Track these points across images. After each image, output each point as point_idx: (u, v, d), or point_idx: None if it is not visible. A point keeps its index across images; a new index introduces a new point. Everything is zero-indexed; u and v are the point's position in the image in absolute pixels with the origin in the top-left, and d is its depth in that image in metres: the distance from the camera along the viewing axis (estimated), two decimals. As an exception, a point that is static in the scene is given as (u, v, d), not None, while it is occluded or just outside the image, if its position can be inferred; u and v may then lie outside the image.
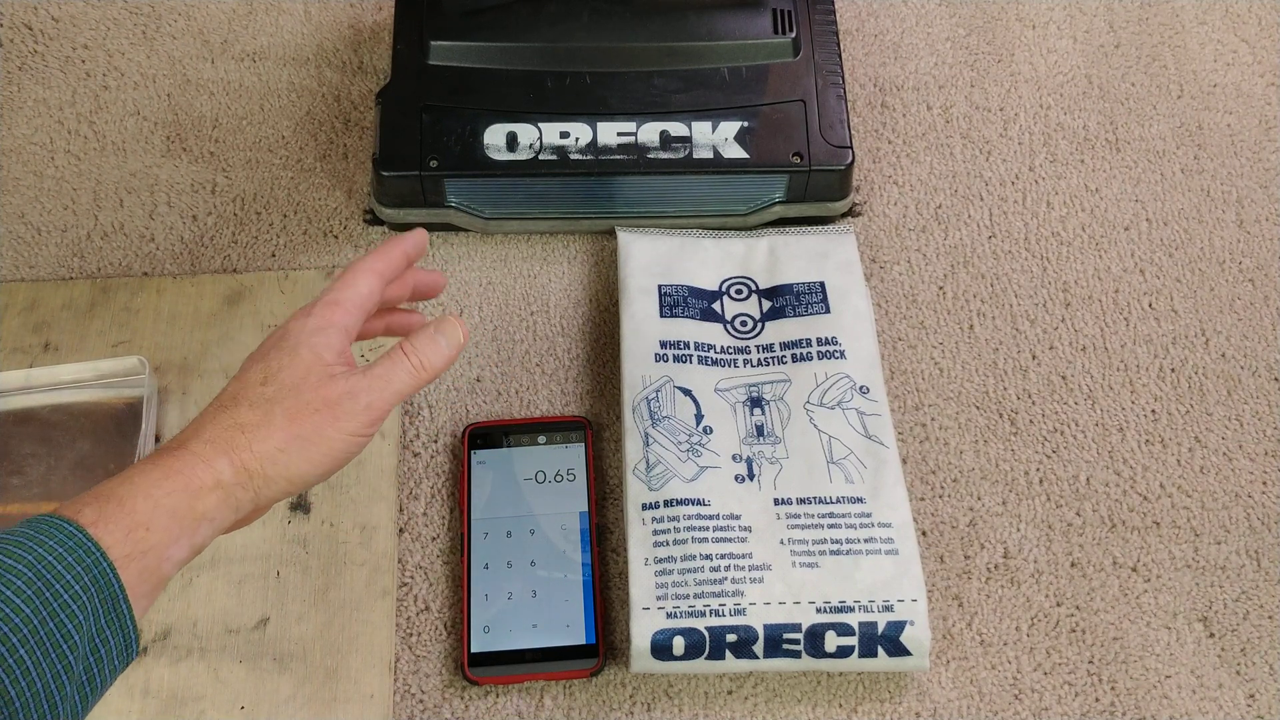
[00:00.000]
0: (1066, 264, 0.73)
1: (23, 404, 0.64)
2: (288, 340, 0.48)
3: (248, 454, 0.45)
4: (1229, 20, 0.84)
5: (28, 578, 0.38)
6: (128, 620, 0.41)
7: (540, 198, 0.71)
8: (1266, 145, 0.78)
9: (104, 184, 0.74)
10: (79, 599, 0.39)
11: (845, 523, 0.60)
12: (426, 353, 0.50)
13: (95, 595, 0.39)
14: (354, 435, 0.47)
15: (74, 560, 0.39)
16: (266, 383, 0.47)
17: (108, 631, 0.40)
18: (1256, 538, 0.64)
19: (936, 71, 0.81)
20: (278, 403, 0.46)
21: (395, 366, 0.49)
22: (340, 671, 0.58)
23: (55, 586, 0.38)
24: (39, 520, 0.40)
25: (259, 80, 0.79)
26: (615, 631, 0.60)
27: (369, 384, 0.48)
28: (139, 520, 0.41)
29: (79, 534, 0.40)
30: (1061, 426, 0.67)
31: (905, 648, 0.57)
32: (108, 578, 0.40)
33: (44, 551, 0.39)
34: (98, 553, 0.40)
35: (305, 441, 0.46)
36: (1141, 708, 0.59)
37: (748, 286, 0.69)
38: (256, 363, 0.48)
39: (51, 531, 0.39)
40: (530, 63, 0.71)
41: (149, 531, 0.41)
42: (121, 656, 0.41)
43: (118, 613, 0.40)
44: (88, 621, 0.39)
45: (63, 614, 0.38)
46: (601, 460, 0.65)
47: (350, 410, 0.47)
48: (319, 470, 0.47)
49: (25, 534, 0.39)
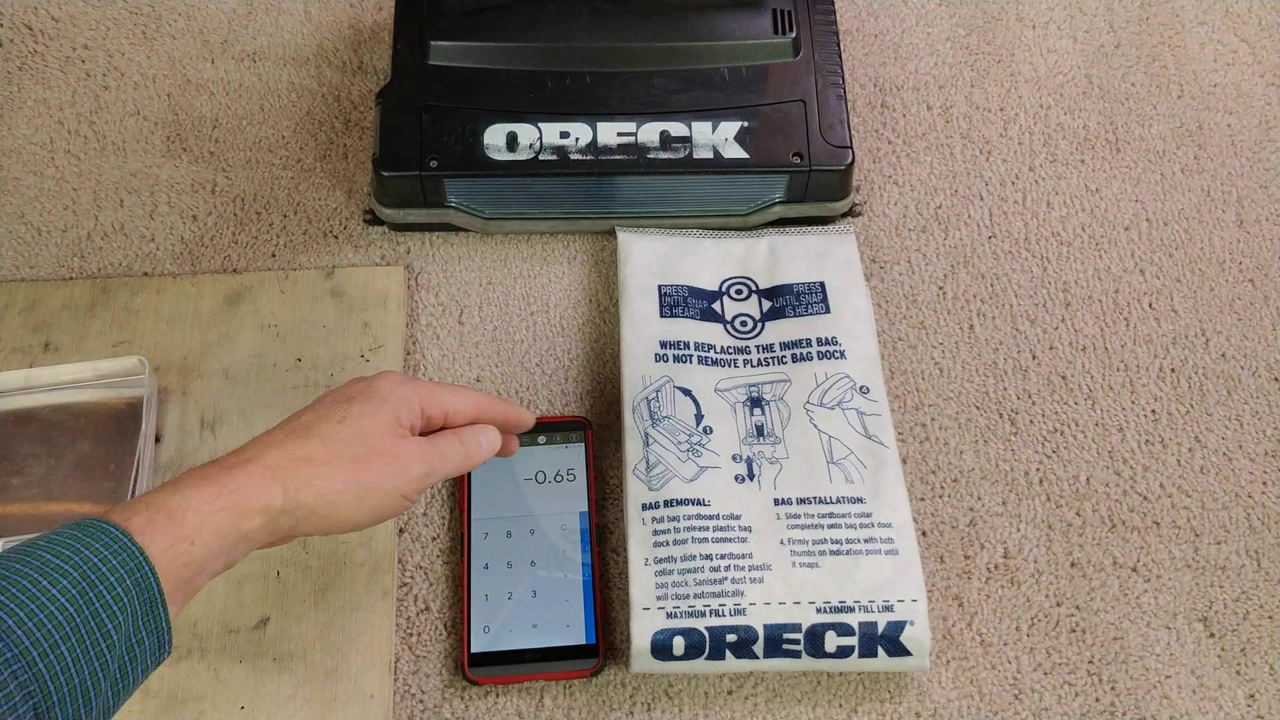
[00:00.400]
0: (1066, 264, 0.73)
1: (23, 404, 0.64)
2: (375, 393, 0.51)
3: (307, 490, 0.47)
4: (1229, 20, 0.84)
5: (73, 577, 0.39)
6: (163, 623, 0.42)
7: (540, 198, 0.71)
8: (1266, 145, 0.78)
9: (104, 184, 0.74)
10: (120, 601, 0.40)
11: (845, 523, 0.60)
12: (473, 446, 0.53)
13: (135, 598, 0.41)
14: (404, 496, 0.49)
15: (119, 564, 0.41)
16: (344, 423, 0.49)
17: (144, 632, 0.42)
18: (1256, 538, 0.64)
19: (936, 71, 0.81)
20: (350, 445, 0.48)
21: (451, 447, 0.52)
22: (340, 671, 0.58)
23: (99, 587, 0.40)
24: (90, 523, 0.42)
25: (259, 80, 0.79)
26: (615, 631, 0.60)
27: (432, 454, 0.50)
28: (185, 534, 0.43)
29: (125, 539, 0.41)
30: (1061, 426, 0.67)
31: (905, 648, 0.57)
32: (149, 583, 0.41)
33: (90, 554, 0.40)
34: (141, 557, 0.41)
35: (364, 490, 0.48)
36: (1141, 708, 0.59)
37: (748, 286, 0.69)
38: (338, 402, 0.50)
39: (100, 535, 0.41)
40: (530, 63, 0.71)
41: (193, 545, 0.43)
42: (154, 656, 0.43)
43: (154, 615, 0.42)
44: (127, 623, 0.41)
45: (104, 614, 0.40)
46: (601, 460, 0.65)
47: (411, 473, 0.49)
48: (362, 520, 0.49)
49: (75, 535, 0.41)
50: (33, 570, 0.40)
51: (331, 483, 0.47)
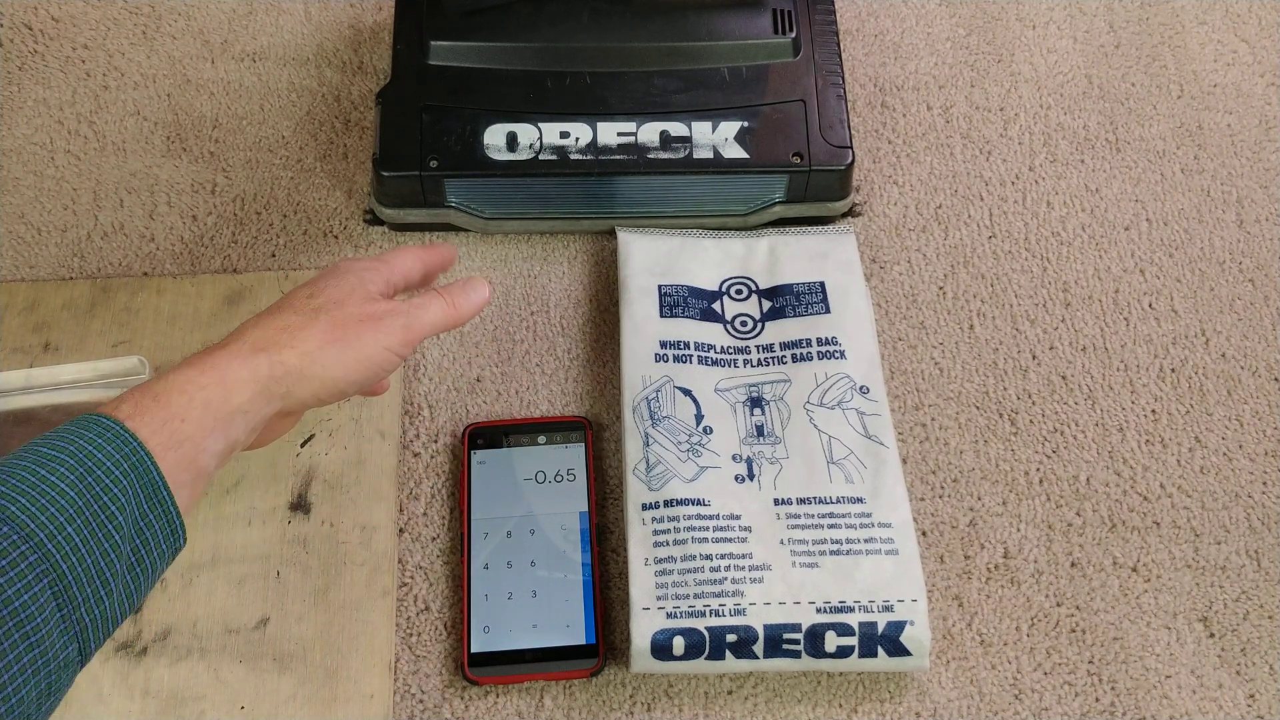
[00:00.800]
0: (1066, 264, 0.73)
1: (23, 404, 0.64)
2: (336, 270, 0.53)
3: (288, 350, 0.48)
4: (1229, 20, 0.84)
5: (70, 464, 0.41)
6: (170, 506, 0.43)
7: (540, 198, 0.71)
8: (1266, 145, 0.78)
9: (104, 184, 0.74)
10: (119, 484, 0.41)
11: (845, 523, 0.60)
12: (458, 297, 0.54)
13: (135, 482, 0.42)
14: (389, 349, 0.50)
15: (113, 450, 0.42)
16: (313, 297, 0.51)
17: (151, 516, 0.43)
18: (1256, 538, 0.64)
19: (936, 71, 0.81)
20: (323, 311, 0.50)
21: (431, 300, 0.53)
22: (340, 671, 0.58)
23: (96, 473, 0.41)
24: (80, 418, 0.43)
25: (259, 80, 0.79)
26: (615, 631, 0.60)
27: (408, 309, 0.52)
28: (174, 413, 0.44)
29: (115, 426, 0.42)
30: (1061, 426, 0.67)
31: (905, 648, 0.57)
32: (145, 465, 0.42)
33: (84, 443, 0.41)
34: (134, 442, 0.42)
35: (344, 345, 0.49)
36: (1141, 708, 0.59)
37: (748, 286, 0.69)
38: (304, 286, 0.52)
39: (90, 425, 0.42)
40: (530, 63, 0.71)
41: (184, 423, 0.44)
42: (169, 541, 0.44)
43: (159, 499, 0.43)
44: (130, 505, 0.42)
45: (105, 497, 0.41)
46: (601, 460, 0.65)
47: (390, 325, 0.50)
48: (351, 375, 0.50)
49: (67, 429, 0.42)
50: (30, 463, 0.41)
51: (311, 341, 0.48)
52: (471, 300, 0.55)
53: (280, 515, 0.62)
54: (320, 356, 0.48)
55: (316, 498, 0.62)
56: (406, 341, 0.51)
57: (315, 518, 0.62)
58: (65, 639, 0.40)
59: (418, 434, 0.66)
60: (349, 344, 0.49)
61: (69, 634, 0.40)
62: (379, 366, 0.50)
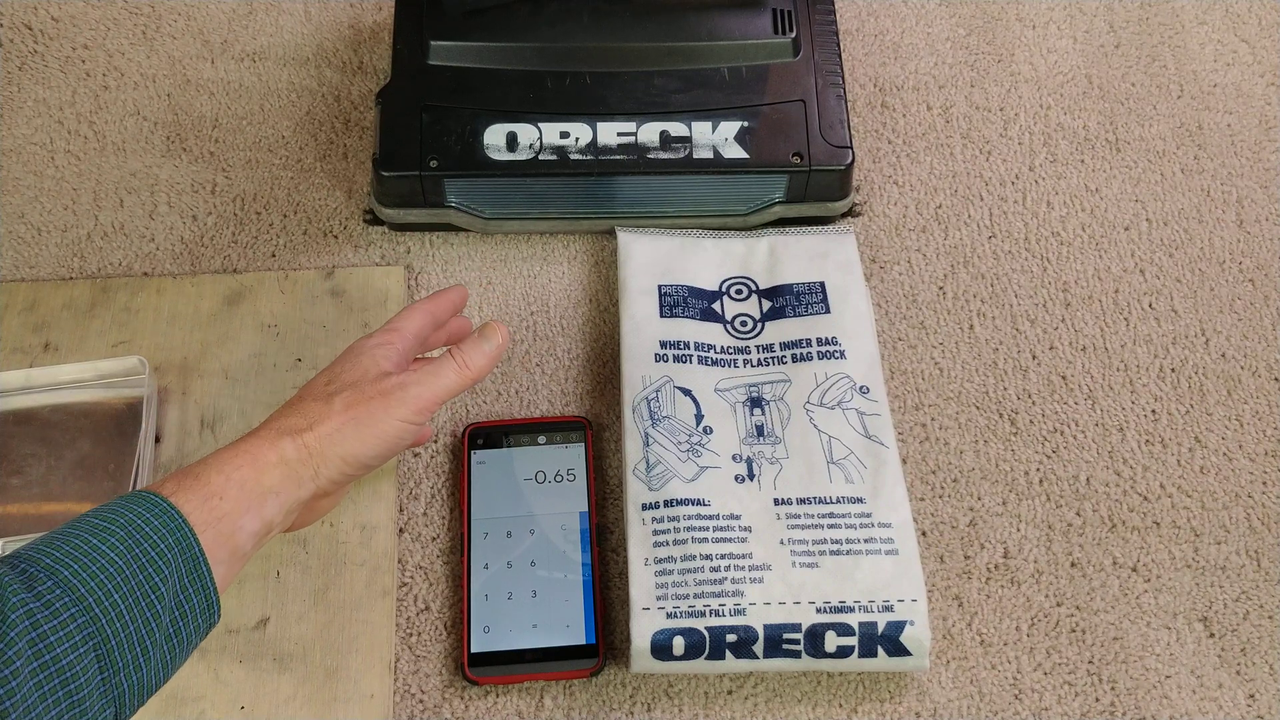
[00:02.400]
0: (1066, 264, 0.73)
1: (23, 404, 0.64)
2: (350, 352, 0.56)
3: (309, 434, 0.51)
4: (1229, 20, 0.84)
5: (120, 536, 0.43)
6: (208, 581, 0.45)
7: (540, 198, 0.71)
8: (1266, 145, 0.78)
9: (104, 184, 0.74)
10: (164, 556, 0.44)
11: (845, 523, 0.60)
12: (471, 355, 0.56)
13: (178, 555, 0.44)
14: (403, 421, 0.53)
15: (160, 525, 0.44)
16: (330, 383, 0.54)
17: (190, 590, 0.45)
18: (1256, 538, 0.64)
19: (936, 71, 0.81)
20: (338, 395, 0.52)
21: (443, 366, 0.55)
22: (340, 671, 0.58)
23: (144, 545, 0.43)
24: (130, 495, 0.46)
25: (259, 80, 0.79)
26: (615, 631, 0.60)
27: (418, 379, 0.54)
28: (213, 491, 0.47)
29: (163, 502, 0.45)
30: (1061, 426, 0.67)
31: (905, 648, 0.57)
32: (188, 539, 0.45)
33: (133, 515, 0.44)
34: (179, 518, 0.45)
35: (359, 423, 0.52)
36: (1141, 708, 0.59)
37: (748, 286, 0.69)
38: (323, 373, 0.55)
39: (140, 501, 0.45)
40: (530, 63, 0.71)
41: (222, 500, 0.47)
42: (204, 616, 0.46)
43: (198, 573, 0.45)
44: (172, 577, 0.44)
45: (150, 569, 0.43)
46: (601, 460, 0.65)
47: (401, 399, 0.53)
48: (370, 450, 0.52)
49: (118, 503, 0.45)
50: (83, 531, 0.43)
51: (328, 424, 0.51)
52: (485, 354, 0.56)
53: (280, 515, 0.62)
54: (339, 436, 0.51)
55: (316, 498, 0.62)
56: (420, 410, 0.53)
57: (315, 518, 0.62)
58: (104, 702, 0.41)
59: (418, 434, 0.66)
60: (363, 421, 0.52)
61: (107, 697, 0.41)
62: (396, 438, 0.53)
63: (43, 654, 0.39)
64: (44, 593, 0.40)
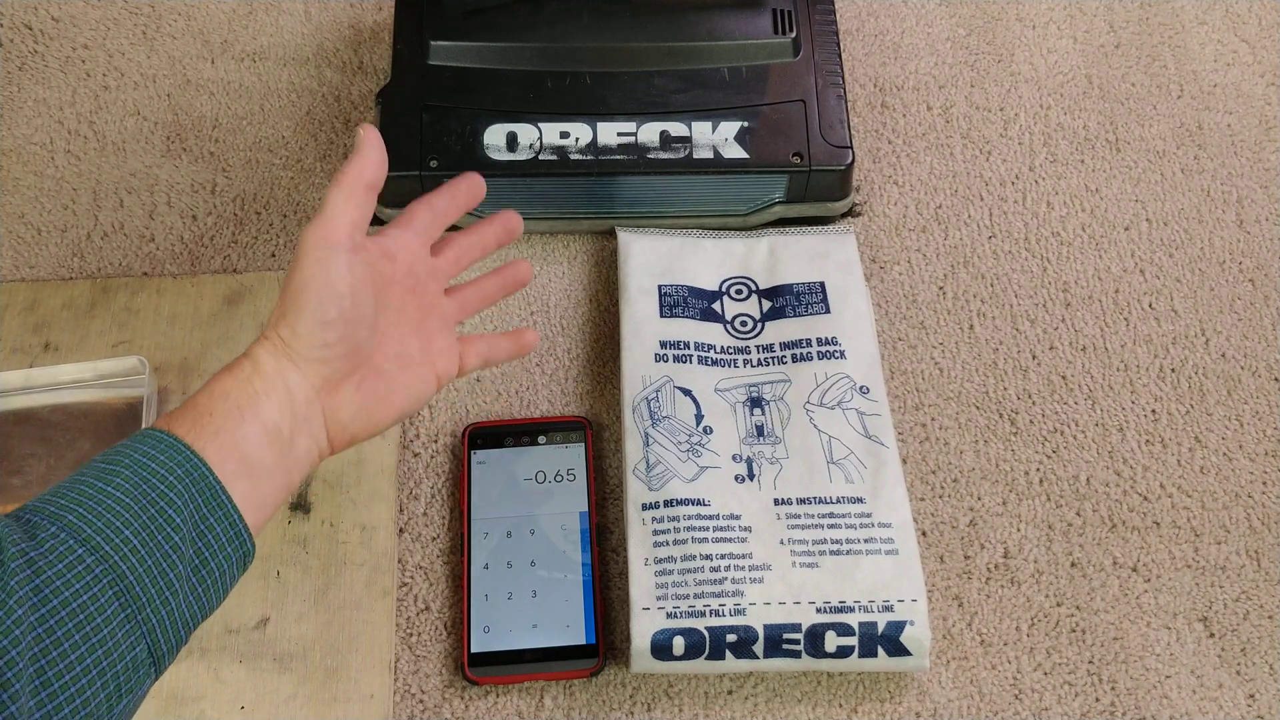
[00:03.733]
0: (1066, 264, 0.73)
1: (23, 404, 0.64)
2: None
3: (269, 328, 0.49)
4: (1229, 20, 0.84)
5: (126, 475, 0.42)
6: (226, 503, 0.44)
7: (540, 198, 0.71)
8: (1266, 145, 0.78)
9: (104, 184, 0.74)
10: (175, 488, 0.43)
11: (845, 523, 0.60)
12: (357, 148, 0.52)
13: (190, 484, 0.43)
14: (320, 248, 0.49)
15: (166, 458, 0.43)
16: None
17: (211, 517, 0.44)
18: (1256, 538, 0.64)
19: (936, 71, 0.81)
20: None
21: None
22: (340, 671, 0.58)
23: (152, 480, 0.43)
24: (136, 434, 0.45)
25: (259, 80, 0.79)
26: (615, 631, 0.60)
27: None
28: (201, 410, 0.46)
29: (166, 436, 0.44)
30: (1061, 426, 0.67)
31: (905, 648, 0.57)
32: (197, 466, 0.44)
33: (138, 455, 0.43)
34: (183, 447, 0.44)
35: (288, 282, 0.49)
36: (1141, 708, 0.59)
37: (748, 286, 0.69)
38: None
39: (144, 439, 0.44)
40: (530, 63, 0.71)
41: (212, 417, 0.46)
42: (234, 545, 0.44)
43: (215, 498, 0.44)
44: (187, 507, 0.43)
45: (162, 501, 0.42)
46: (601, 460, 0.65)
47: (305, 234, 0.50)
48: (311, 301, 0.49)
49: (124, 445, 0.44)
50: (89, 477, 0.43)
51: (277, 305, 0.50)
52: (360, 140, 0.52)
53: (280, 515, 0.62)
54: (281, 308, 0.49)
55: (317, 498, 0.62)
56: (326, 223, 0.50)
57: (315, 518, 0.62)
58: (132, 639, 0.40)
59: (418, 434, 0.66)
60: (290, 277, 0.49)
61: (135, 633, 0.41)
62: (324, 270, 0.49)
63: (49, 599, 0.38)
64: (46, 539, 0.40)
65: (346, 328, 0.49)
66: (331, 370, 0.50)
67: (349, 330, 0.49)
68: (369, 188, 0.51)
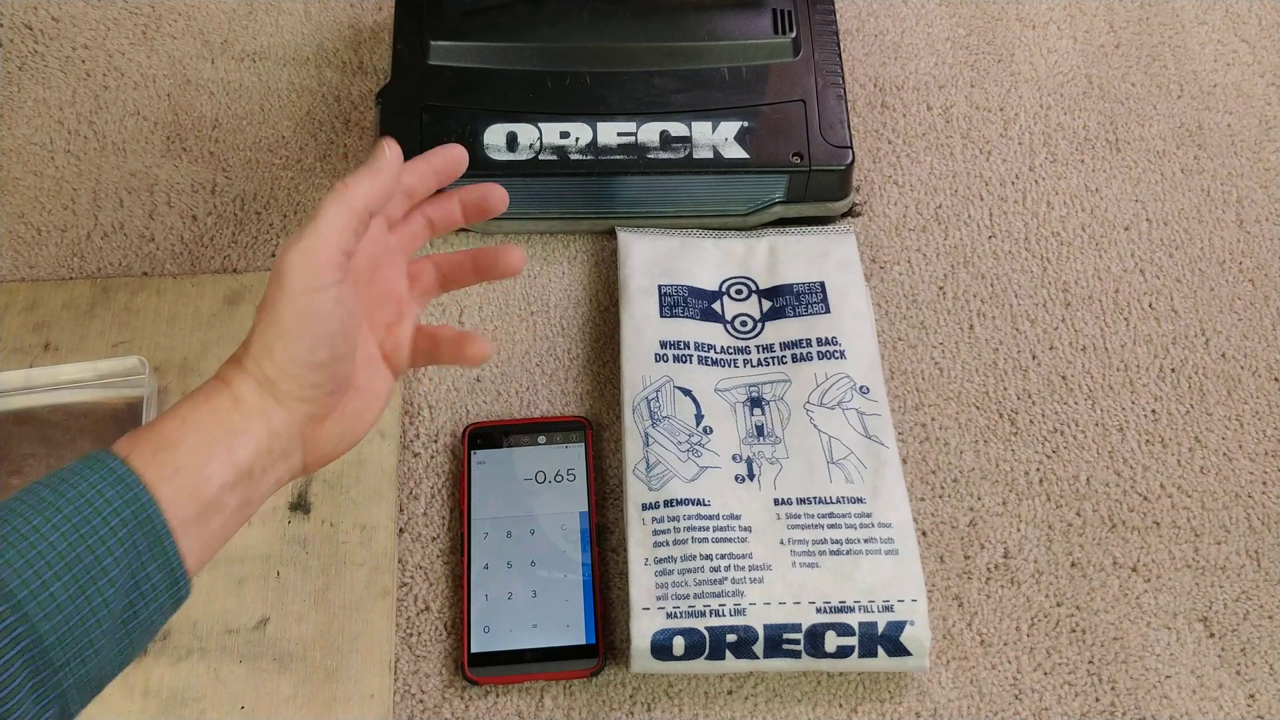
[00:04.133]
0: (1066, 264, 0.73)
1: (23, 404, 0.64)
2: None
3: (244, 354, 0.45)
4: (1229, 20, 0.84)
5: (67, 513, 0.38)
6: (169, 551, 0.40)
7: (540, 198, 0.71)
8: (1266, 145, 0.78)
9: (104, 184, 0.74)
10: (116, 533, 0.39)
11: (845, 523, 0.60)
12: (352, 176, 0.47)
13: (134, 526, 0.39)
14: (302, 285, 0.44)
15: (113, 493, 0.39)
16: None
17: (151, 564, 0.40)
18: (1256, 538, 0.64)
19: (936, 71, 0.81)
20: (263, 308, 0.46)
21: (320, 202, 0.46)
22: (340, 671, 0.58)
23: (93, 521, 0.39)
24: (88, 456, 0.41)
25: (259, 80, 0.79)
26: (615, 631, 0.60)
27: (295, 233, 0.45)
28: (166, 440, 0.42)
29: (119, 466, 0.40)
30: (1061, 426, 0.67)
31: (905, 648, 0.57)
32: (144, 504, 0.40)
33: (85, 486, 0.39)
34: (134, 481, 0.40)
35: (267, 310, 0.45)
36: (1141, 708, 0.59)
37: (748, 286, 0.69)
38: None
39: (95, 465, 0.40)
40: (530, 63, 0.71)
41: (176, 449, 0.41)
42: (169, 591, 0.41)
43: (158, 543, 0.40)
44: (126, 554, 0.39)
45: (100, 549, 0.38)
46: (601, 460, 0.65)
47: (280, 265, 0.44)
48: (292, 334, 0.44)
49: (74, 468, 0.40)
50: (30, 506, 0.39)
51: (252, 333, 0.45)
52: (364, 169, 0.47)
53: (280, 515, 0.62)
54: (260, 339, 0.45)
55: (316, 498, 0.62)
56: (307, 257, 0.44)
57: (315, 518, 0.62)
58: (40, 706, 0.38)
59: (418, 434, 0.66)
60: (267, 307, 0.45)
61: (44, 700, 0.38)
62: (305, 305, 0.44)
63: None
64: None
65: (337, 365, 0.46)
66: (319, 408, 0.46)
67: (338, 367, 0.46)
68: (368, 212, 0.46)
